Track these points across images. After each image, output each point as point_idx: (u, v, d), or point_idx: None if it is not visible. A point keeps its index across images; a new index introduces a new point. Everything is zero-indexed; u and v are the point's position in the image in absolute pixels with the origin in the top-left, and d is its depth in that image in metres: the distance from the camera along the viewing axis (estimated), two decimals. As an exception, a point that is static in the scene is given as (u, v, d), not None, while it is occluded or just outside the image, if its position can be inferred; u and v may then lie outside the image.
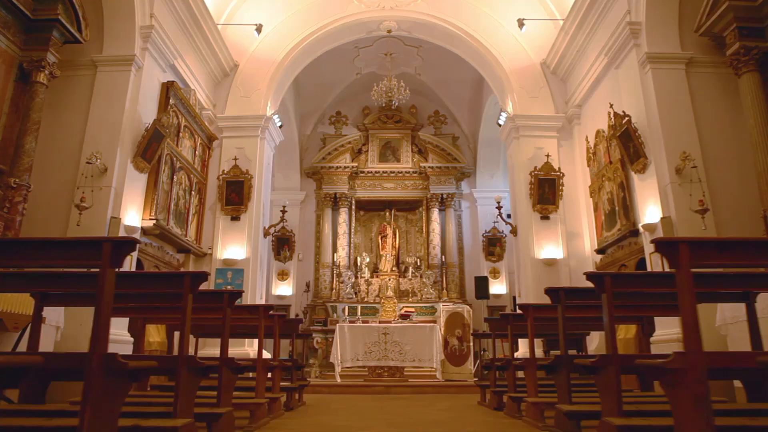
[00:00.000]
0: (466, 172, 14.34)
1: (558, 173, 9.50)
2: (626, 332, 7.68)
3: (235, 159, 9.72)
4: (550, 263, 9.28)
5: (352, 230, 13.89)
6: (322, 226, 13.90)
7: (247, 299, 9.09)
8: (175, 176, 8.30)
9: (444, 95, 14.51)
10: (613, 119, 7.65)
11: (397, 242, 14.12)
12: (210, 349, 8.47)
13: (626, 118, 7.24)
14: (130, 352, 6.81)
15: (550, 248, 9.37)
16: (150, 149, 7.38)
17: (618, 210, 8.07)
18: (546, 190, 9.53)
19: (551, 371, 3.46)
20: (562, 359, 3.32)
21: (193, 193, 9.08)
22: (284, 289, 13.46)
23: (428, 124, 14.65)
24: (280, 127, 10.81)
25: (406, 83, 14.57)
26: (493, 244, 13.75)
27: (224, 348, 3.35)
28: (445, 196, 13.86)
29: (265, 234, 9.93)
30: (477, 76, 13.62)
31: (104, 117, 7.09)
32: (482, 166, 14.43)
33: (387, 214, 14.12)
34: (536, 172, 9.49)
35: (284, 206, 10.12)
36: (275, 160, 14.11)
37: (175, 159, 8.29)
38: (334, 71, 13.83)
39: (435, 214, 13.75)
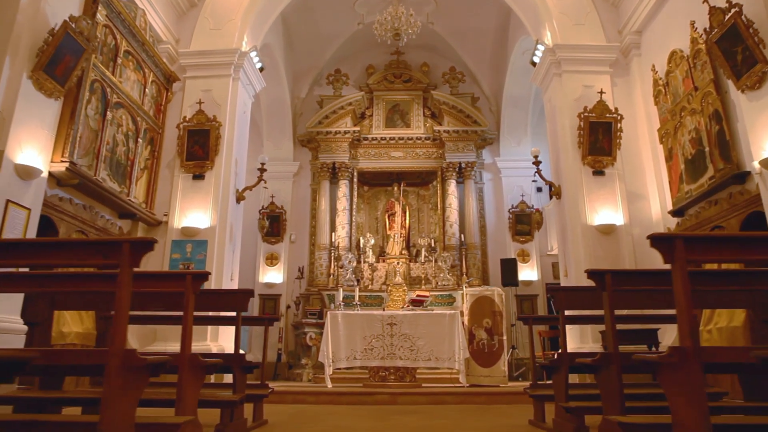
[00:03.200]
0: (487, 138, 12.14)
1: (615, 115, 7.31)
2: (729, 319, 5.51)
3: (200, 102, 7.64)
4: (607, 231, 7.08)
5: (354, 206, 11.74)
6: (318, 201, 11.78)
7: (212, 281, 7.00)
8: (109, 113, 6.23)
9: (461, 49, 12.33)
10: (708, 20, 5.44)
11: (407, 221, 11.97)
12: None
13: (733, 10, 5.04)
14: (22, 345, 4.79)
15: (606, 212, 7.18)
16: (62, 65, 5.31)
17: (709, 151, 5.87)
18: (599, 137, 7.33)
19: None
20: None
21: (140, 141, 7.01)
22: (273, 275, 11.36)
23: (443, 83, 12.44)
24: (261, 70, 8.71)
25: (417, 36, 12.50)
26: (522, 222, 11.54)
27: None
28: (463, 165, 11.67)
29: (238, 198, 7.82)
30: (500, 24, 11.49)
31: (-9, 15, 5.04)
32: (507, 132, 12.23)
33: (395, 188, 11.96)
34: (586, 114, 7.31)
35: (263, 163, 8.01)
36: (264, 127, 12.12)
37: (109, 90, 6.23)
38: (331, 20, 11.73)
39: (452, 187, 11.56)
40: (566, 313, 3.51)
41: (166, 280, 2.73)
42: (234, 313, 3.60)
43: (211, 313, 5.42)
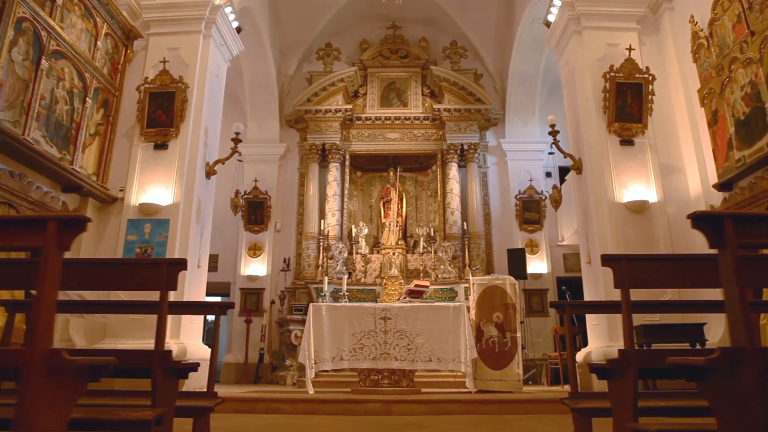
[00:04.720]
0: (492, 118, 11.12)
1: (646, 75, 6.29)
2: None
3: (164, 61, 6.58)
4: (638, 209, 6.06)
5: (346, 192, 10.68)
6: (306, 186, 10.72)
7: (175, 266, 5.93)
8: (44, 61, 5.16)
9: (463, 21, 11.31)
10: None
11: (404, 209, 10.94)
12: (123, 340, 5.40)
13: None
14: None
15: (636, 187, 6.15)
16: (-27, -10, 4.26)
17: (771, 107, 4.85)
18: (628, 102, 6.31)
19: None
20: None
21: (90, 101, 5.95)
22: (256, 267, 10.30)
23: (443, 59, 11.42)
24: (239, 30, 7.66)
25: (415, 9, 11.53)
26: (530, 209, 10.53)
27: None
28: (465, 147, 10.62)
29: (208, 173, 6.76)
30: (506, -7, 10.49)
31: None
32: (513, 112, 11.21)
33: (391, 173, 10.90)
34: (612, 74, 6.29)
35: (238, 133, 6.94)
36: (247, 106, 11.06)
37: (44, 34, 5.16)
38: (322, -11, 10.72)
39: (453, 171, 10.52)
40: (629, 295, 2.47)
41: (16, 229, 1.67)
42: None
43: (172, 297, 4.39)
